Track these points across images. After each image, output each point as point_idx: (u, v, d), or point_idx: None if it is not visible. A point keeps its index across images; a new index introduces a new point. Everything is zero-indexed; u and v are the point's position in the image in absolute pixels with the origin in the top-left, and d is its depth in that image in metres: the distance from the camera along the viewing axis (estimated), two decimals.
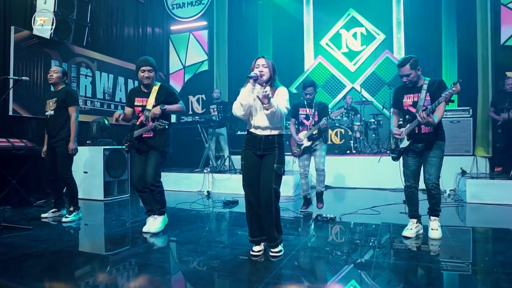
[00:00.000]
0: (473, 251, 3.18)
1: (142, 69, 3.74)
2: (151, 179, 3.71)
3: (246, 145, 3.07)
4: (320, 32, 10.21)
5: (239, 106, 2.94)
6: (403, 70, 3.48)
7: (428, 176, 3.55)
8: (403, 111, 3.68)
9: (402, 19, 9.46)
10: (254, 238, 3.06)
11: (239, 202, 5.60)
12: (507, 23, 6.40)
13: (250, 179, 3.01)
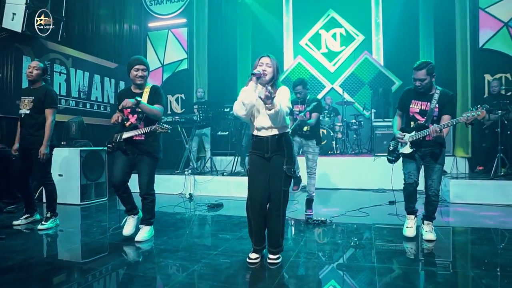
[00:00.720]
0: (473, 252, 3.16)
1: (136, 67, 3.57)
2: (146, 187, 3.57)
3: (252, 149, 2.94)
4: (299, 32, 10.21)
5: (241, 106, 2.80)
6: (419, 74, 3.40)
7: (431, 182, 3.51)
8: (408, 116, 3.62)
9: (380, 21, 9.60)
10: (258, 246, 2.92)
11: (223, 205, 5.46)
12: (485, 27, 6.55)
13: (258, 184, 2.86)
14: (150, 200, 3.63)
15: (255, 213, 2.87)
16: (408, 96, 3.61)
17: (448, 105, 3.41)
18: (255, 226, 2.90)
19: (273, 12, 10.19)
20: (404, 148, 3.61)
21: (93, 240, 3.66)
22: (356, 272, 2.73)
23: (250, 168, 2.93)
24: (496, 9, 6.50)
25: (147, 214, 3.66)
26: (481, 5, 6.55)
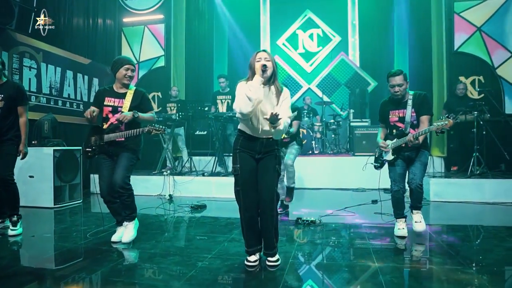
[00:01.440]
0: (468, 249, 3.20)
1: (126, 67, 3.44)
2: (120, 180, 3.34)
3: (241, 147, 2.81)
4: (276, 31, 10.18)
5: (246, 102, 2.61)
6: (397, 80, 3.50)
7: (413, 176, 3.59)
8: (390, 125, 3.72)
9: (357, 22, 9.73)
10: (251, 248, 2.82)
11: (207, 206, 5.31)
12: (459, 30, 6.76)
13: (248, 184, 2.76)
14: (127, 195, 3.43)
15: (248, 214, 2.76)
16: (385, 107, 3.75)
17: (423, 105, 3.51)
18: (248, 228, 2.79)
19: (250, 12, 10.09)
20: (387, 155, 3.72)
21: (74, 246, 3.43)
22: (358, 273, 2.69)
23: (241, 167, 2.76)
24: (470, 14, 6.73)
25: (127, 210, 3.48)
26: (456, 10, 6.75)
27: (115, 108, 3.45)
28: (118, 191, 3.36)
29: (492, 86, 6.45)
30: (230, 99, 6.89)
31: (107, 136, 3.41)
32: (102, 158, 3.49)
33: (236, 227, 4.12)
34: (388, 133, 3.80)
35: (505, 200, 5.29)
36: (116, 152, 3.46)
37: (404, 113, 3.56)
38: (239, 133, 2.84)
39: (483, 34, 6.67)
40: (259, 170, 2.80)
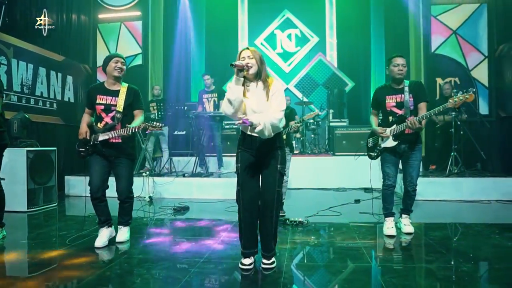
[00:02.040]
0: (458, 247, 3.25)
1: (115, 59, 3.39)
2: (127, 191, 3.49)
3: (242, 146, 2.77)
4: (255, 31, 10.12)
5: (227, 104, 2.65)
6: (401, 60, 3.58)
7: (410, 178, 3.68)
8: (386, 112, 3.70)
9: (334, 23, 9.79)
10: (248, 250, 2.75)
11: (189, 208, 5.19)
12: (436, 33, 6.94)
13: (248, 183, 2.72)
14: (130, 203, 3.57)
15: (247, 214, 2.72)
16: (382, 92, 3.73)
17: (421, 92, 3.60)
18: (246, 228, 2.74)
19: (227, 10, 9.98)
20: (387, 142, 3.67)
21: (55, 253, 3.23)
22: (358, 274, 2.67)
23: (241, 166, 2.74)
24: (446, 17, 6.92)
25: (126, 216, 3.56)
26: (433, 13, 6.93)
27: (108, 106, 3.39)
28: (123, 200, 3.48)
29: (467, 87, 6.64)
30: (216, 97, 6.78)
31: (102, 135, 3.35)
32: (96, 156, 3.42)
33: (223, 229, 4.04)
34: (381, 121, 3.82)
35: (482, 198, 5.46)
36: (112, 154, 3.40)
37: (402, 98, 3.56)
38: (242, 133, 2.80)
39: (459, 37, 6.88)
40: (261, 171, 2.75)
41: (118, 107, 3.36)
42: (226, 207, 5.27)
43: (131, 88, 3.48)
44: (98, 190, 3.37)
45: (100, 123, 3.41)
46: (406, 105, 3.55)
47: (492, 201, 5.42)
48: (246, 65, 2.62)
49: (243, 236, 2.76)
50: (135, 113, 3.45)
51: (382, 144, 3.73)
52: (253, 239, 2.76)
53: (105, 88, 3.42)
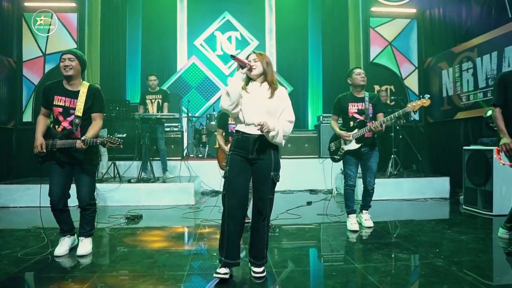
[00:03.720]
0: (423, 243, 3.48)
1: (62, 58, 3.07)
2: (88, 198, 3.20)
3: (234, 148, 2.65)
4: (194, 31, 9.92)
5: (225, 97, 2.59)
6: (359, 70, 4.04)
7: (370, 179, 4.04)
8: (347, 117, 4.01)
9: (274, 28, 9.98)
10: (229, 260, 2.56)
11: (143, 216, 4.86)
12: (374, 44, 7.44)
13: (236, 189, 2.59)
14: (92, 210, 3.27)
15: (233, 221, 2.58)
16: (345, 99, 4.07)
17: (379, 103, 4.05)
18: (230, 236, 2.58)
19: (165, 9, 9.61)
20: (349, 145, 3.96)
21: (7, 277, 2.79)
22: (347, 275, 2.72)
23: (230, 169, 2.62)
24: (383, 29, 7.46)
25: (87, 226, 3.28)
26: (372, 25, 7.42)
27: (66, 109, 3.09)
28: (84, 207, 3.21)
29: (401, 94, 7.23)
30: (161, 99, 6.47)
31: (60, 142, 3.04)
32: (54, 164, 3.12)
33: (192, 237, 3.87)
34: (342, 125, 4.10)
35: (420, 197, 5.98)
36: (71, 161, 3.11)
37: (363, 106, 3.94)
38: (235, 134, 2.70)
39: (393, 48, 7.47)
40: (253, 176, 2.66)
41: (77, 111, 3.06)
42: (181, 213, 5.05)
43: (92, 89, 3.17)
44: (59, 202, 3.10)
45: (58, 126, 3.10)
46: (367, 112, 3.93)
47: (428, 198, 5.95)
48: (249, 65, 2.62)
49: (225, 244, 2.58)
50: (93, 116, 3.17)
51: (345, 147, 4.00)
52: (236, 249, 2.61)
53: (64, 88, 3.09)
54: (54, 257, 3.09)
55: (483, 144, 4.98)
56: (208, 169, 7.04)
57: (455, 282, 2.54)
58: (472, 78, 6.08)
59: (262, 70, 2.68)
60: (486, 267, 2.91)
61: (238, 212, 2.60)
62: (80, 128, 3.08)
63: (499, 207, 4.60)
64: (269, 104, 2.63)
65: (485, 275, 2.67)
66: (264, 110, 2.61)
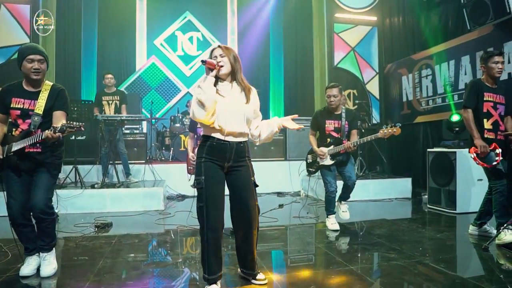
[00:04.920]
0: (405, 242, 3.60)
1: (29, 58, 2.71)
2: (42, 204, 2.70)
3: (207, 155, 2.44)
4: (154, 31, 9.61)
5: (198, 107, 2.33)
6: (334, 91, 4.02)
7: (349, 175, 4.18)
8: (324, 134, 4.15)
9: (236, 30, 9.93)
10: (214, 275, 2.41)
11: (112, 224, 4.58)
12: (338, 49, 7.64)
13: (214, 199, 2.40)
14: (50, 220, 2.80)
15: (214, 234, 2.39)
16: (322, 116, 4.19)
17: (354, 121, 4.20)
18: (211, 250, 2.39)
19: (124, 6, 9.20)
20: (325, 161, 4.13)
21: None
22: (346, 277, 2.74)
23: (206, 179, 2.41)
24: (346, 35, 7.69)
25: (47, 238, 2.83)
26: (336, 30, 7.62)
27: (25, 112, 2.75)
28: (39, 217, 2.72)
29: (363, 99, 7.50)
30: (118, 100, 6.14)
31: (15, 145, 2.69)
32: (11, 174, 2.76)
33: (175, 245, 3.70)
34: (319, 140, 4.23)
35: (385, 197, 6.21)
36: (30, 167, 2.77)
37: (340, 124, 4.07)
38: (204, 139, 2.49)
39: (356, 53, 7.72)
40: (233, 185, 2.51)
41: (37, 109, 2.72)
42: (152, 220, 4.83)
43: (55, 88, 2.84)
44: (19, 215, 2.74)
45: (16, 130, 2.76)
46: (343, 130, 4.09)
47: (393, 199, 6.21)
48: (218, 64, 2.39)
49: (207, 260, 2.40)
50: (56, 115, 2.77)
51: (321, 162, 4.18)
52: (219, 262, 2.45)
53: (23, 89, 2.77)
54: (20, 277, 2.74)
55: (445, 146, 5.28)
56: (174, 172, 6.83)
57: (449, 279, 2.65)
58: (431, 84, 6.45)
59: (230, 68, 2.46)
60: (470, 263, 3.08)
61: (219, 224, 2.42)
62: (40, 130, 2.70)
63: (462, 205, 4.90)
64: (247, 110, 2.47)
65: (472, 271, 2.82)
66: (243, 118, 2.46)
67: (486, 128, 3.55)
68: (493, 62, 3.52)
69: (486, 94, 3.56)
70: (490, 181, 3.60)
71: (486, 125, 3.55)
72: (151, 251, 3.54)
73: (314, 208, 5.53)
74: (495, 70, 3.51)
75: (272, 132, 2.57)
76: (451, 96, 5.98)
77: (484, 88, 3.58)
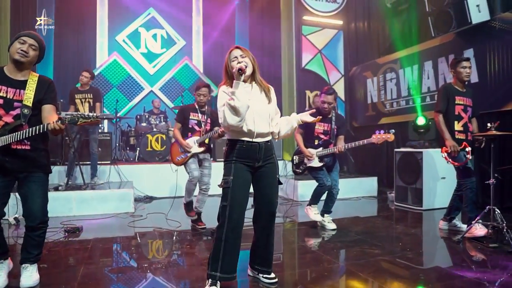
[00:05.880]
0: (385, 239, 3.73)
1: (22, 39, 2.52)
2: (42, 214, 2.56)
3: (238, 157, 2.46)
4: (116, 26, 9.24)
5: (231, 113, 2.31)
6: (330, 98, 4.04)
7: (335, 183, 4.19)
8: (313, 135, 4.15)
9: (201, 29, 9.81)
10: (228, 274, 2.39)
11: (83, 228, 4.34)
12: (306, 51, 7.79)
13: (239, 200, 2.43)
14: (44, 230, 2.64)
15: (235, 235, 2.39)
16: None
17: (343, 127, 4.28)
18: (230, 250, 2.39)
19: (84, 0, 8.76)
20: (313, 162, 4.14)
21: None
22: (340, 273, 2.80)
23: (234, 179, 2.42)
24: (314, 37, 7.86)
25: (35, 249, 2.62)
26: (304, 32, 7.76)
27: (8, 102, 2.49)
28: (37, 227, 2.55)
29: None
30: (92, 98, 5.85)
31: (4, 138, 2.43)
32: None
33: (156, 247, 3.59)
34: (306, 141, 4.21)
35: (353, 196, 6.42)
36: (17, 167, 2.50)
37: (329, 127, 4.12)
38: (232, 143, 2.50)
39: (323, 56, 7.92)
40: (258, 182, 2.54)
41: (26, 100, 2.49)
42: (125, 222, 4.65)
43: (45, 80, 2.64)
44: None
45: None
46: (332, 133, 4.15)
47: (360, 197, 6.43)
48: (243, 67, 2.36)
49: (224, 259, 2.38)
50: (47, 109, 2.57)
51: (308, 163, 4.18)
52: (235, 262, 2.44)
53: (6, 76, 2.52)
54: None
55: (412, 146, 5.55)
56: (140, 173, 6.63)
57: (437, 271, 2.80)
58: (396, 87, 6.76)
59: (252, 68, 2.49)
60: (447, 255, 3.26)
61: (240, 224, 2.43)
62: (27, 125, 2.47)
63: (428, 202, 5.18)
64: (271, 110, 2.53)
65: (449, 262, 2.99)
66: (268, 118, 2.52)
67: (457, 129, 3.78)
68: (461, 67, 3.77)
69: (457, 97, 3.79)
70: (460, 179, 3.83)
71: (457, 126, 3.78)
72: (133, 255, 3.40)
73: (285, 207, 5.59)
74: (463, 74, 3.77)
75: (292, 128, 2.61)
76: (416, 99, 6.29)
77: (455, 92, 3.81)
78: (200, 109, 4.26)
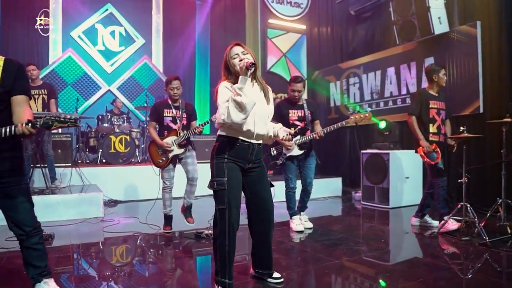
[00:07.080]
0: (369, 237, 3.91)
1: None
2: (31, 219, 2.27)
3: (229, 156, 2.39)
4: (71, 21, 8.74)
5: (235, 110, 2.22)
6: (299, 87, 4.07)
7: (310, 180, 4.32)
8: (288, 123, 4.10)
9: (161, 28, 9.59)
10: (231, 280, 2.36)
11: (55, 235, 4.06)
12: (271, 54, 7.91)
13: (236, 201, 2.37)
14: (40, 235, 2.34)
15: (234, 237, 2.36)
16: (285, 107, 4.21)
17: (316, 111, 4.31)
18: (231, 254, 2.35)
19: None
20: (293, 151, 4.13)
21: None
22: (339, 269, 2.90)
23: (229, 180, 2.35)
24: (278, 41, 8.00)
25: (43, 260, 2.32)
26: (269, 35, 7.88)
27: None
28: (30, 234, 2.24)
29: None
30: (46, 95, 5.47)
31: None
32: None
33: (141, 252, 3.47)
34: None
35: (320, 196, 6.60)
36: None
37: (303, 113, 4.13)
38: (224, 140, 2.42)
39: (287, 59, 8.08)
40: (251, 185, 2.50)
41: None
42: (98, 228, 4.43)
43: (13, 64, 2.17)
44: None
45: None
46: (307, 119, 4.15)
47: (327, 197, 6.65)
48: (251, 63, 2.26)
49: (228, 264, 2.33)
50: (17, 100, 2.16)
51: (288, 153, 4.15)
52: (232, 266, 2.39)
53: None
54: None
55: (377, 148, 5.86)
56: (104, 176, 6.33)
57: (423, 264, 3.00)
58: (359, 91, 7.08)
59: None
60: (426, 248, 3.50)
61: (237, 226, 2.40)
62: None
63: (394, 201, 5.48)
64: (270, 111, 2.54)
65: (429, 254, 3.22)
66: (267, 119, 2.51)
67: (431, 131, 4.07)
68: (443, 74, 4.08)
69: (431, 101, 4.08)
70: (432, 178, 4.12)
71: (432, 129, 4.07)
72: (122, 263, 3.26)
73: None
74: (443, 80, 4.09)
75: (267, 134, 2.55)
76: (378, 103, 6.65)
77: (429, 96, 4.11)
78: (173, 104, 4.05)
